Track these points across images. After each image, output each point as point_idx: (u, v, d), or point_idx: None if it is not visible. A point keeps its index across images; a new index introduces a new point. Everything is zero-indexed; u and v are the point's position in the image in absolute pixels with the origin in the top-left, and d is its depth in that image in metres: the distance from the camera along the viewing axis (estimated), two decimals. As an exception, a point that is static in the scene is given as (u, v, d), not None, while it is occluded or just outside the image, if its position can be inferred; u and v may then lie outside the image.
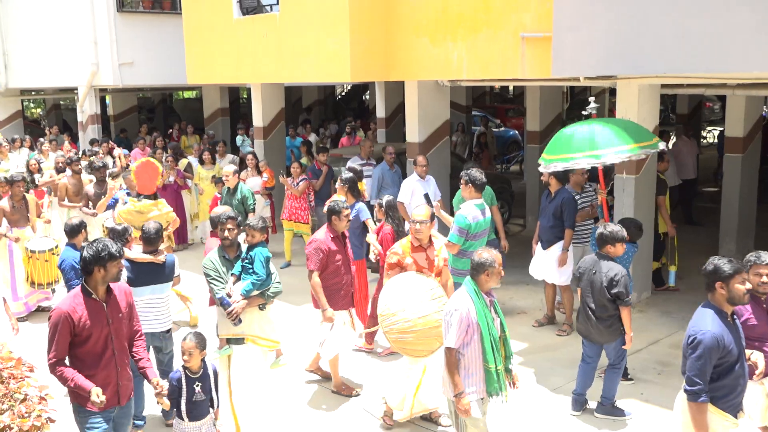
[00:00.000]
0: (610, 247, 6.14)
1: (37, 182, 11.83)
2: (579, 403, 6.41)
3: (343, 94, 28.30)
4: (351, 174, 8.32)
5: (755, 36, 6.45)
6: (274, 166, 12.75)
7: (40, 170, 12.50)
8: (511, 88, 27.46)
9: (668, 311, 8.72)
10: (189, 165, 13.00)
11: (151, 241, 6.67)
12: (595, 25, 7.64)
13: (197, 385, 5.40)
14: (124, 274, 6.53)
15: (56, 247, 9.13)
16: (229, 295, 5.96)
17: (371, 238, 7.70)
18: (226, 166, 10.41)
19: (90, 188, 10.58)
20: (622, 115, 8.60)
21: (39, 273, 8.98)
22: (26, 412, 4.99)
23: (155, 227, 6.78)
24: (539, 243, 8.36)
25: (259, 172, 11.91)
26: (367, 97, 26.85)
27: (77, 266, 6.49)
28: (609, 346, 6.20)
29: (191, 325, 8.68)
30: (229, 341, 6.01)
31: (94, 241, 4.96)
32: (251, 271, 5.96)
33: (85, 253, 4.81)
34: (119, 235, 7.11)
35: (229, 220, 6.10)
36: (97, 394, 4.77)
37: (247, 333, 6.00)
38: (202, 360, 5.47)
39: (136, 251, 6.84)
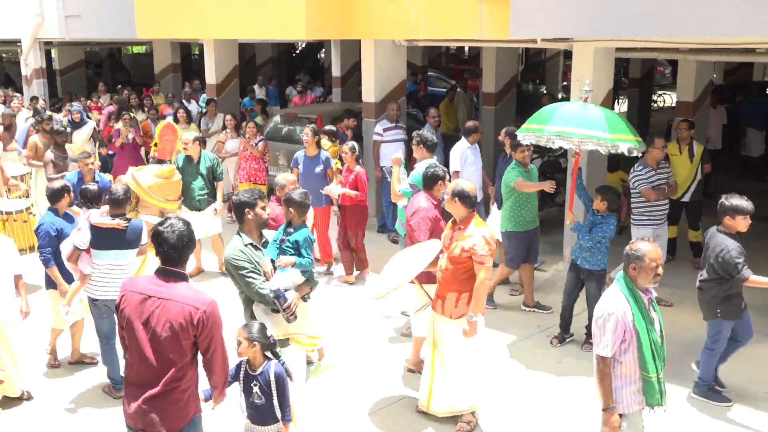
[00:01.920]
0: (728, 219, 5.72)
1: None
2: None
3: (298, 51, 27.90)
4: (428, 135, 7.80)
5: (709, 0, 6.54)
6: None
7: None
8: (466, 49, 27.40)
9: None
10: (135, 120, 12.64)
11: (118, 202, 6.30)
12: (553, -13, 7.63)
13: (255, 385, 4.55)
14: (87, 237, 6.32)
15: (31, 206, 8.68)
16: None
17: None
18: (187, 132, 9.58)
19: (50, 153, 9.78)
20: (577, 79, 8.66)
21: (17, 238, 8.03)
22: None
23: (123, 188, 6.47)
24: (494, 203, 8.50)
25: (238, 134, 11.39)
26: (322, 55, 26.52)
27: (53, 234, 6.35)
28: (708, 325, 6.00)
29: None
30: None
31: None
32: (294, 255, 5.17)
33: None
34: (96, 197, 6.65)
35: (260, 199, 5.10)
36: None
37: (293, 331, 5.11)
38: (267, 358, 4.58)
39: (101, 217, 6.62)
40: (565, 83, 21.75)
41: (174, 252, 3.98)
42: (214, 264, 9.39)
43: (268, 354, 4.56)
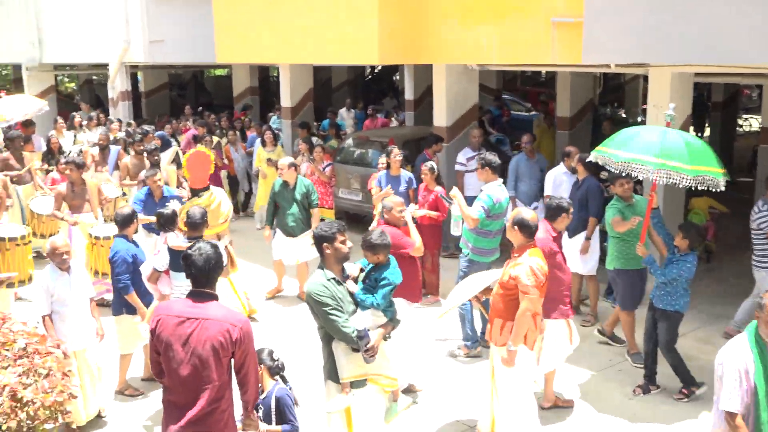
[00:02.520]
0: None
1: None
2: None
3: (374, 74, 28.16)
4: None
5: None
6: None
7: (60, 150, 12.64)
8: (543, 71, 27.09)
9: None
10: (218, 143, 12.99)
11: (195, 226, 6.51)
12: (627, 12, 7.47)
13: (259, 409, 4.61)
14: (166, 260, 6.52)
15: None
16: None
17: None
18: (283, 158, 9.57)
19: (144, 174, 9.74)
20: (654, 104, 8.45)
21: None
22: (49, 388, 5.09)
23: (200, 212, 6.69)
24: (565, 231, 8.29)
25: (311, 159, 11.42)
26: (397, 77, 26.69)
27: (129, 261, 6.45)
28: None
29: (249, 316, 8.13)
30: (352, 385, 4.84)
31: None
32: (374, 295, 4.97)
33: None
34: (170, 221, 7.03)
35: (340, 233, 4.89)
36: None
37: (372, 372, 4.88)
38: (274, 381, 4.75)
39: (178, 238, 6.85)
40: (645, 106, 21.19)
41: (202, 274, 4.12)
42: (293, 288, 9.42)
43: (278, 378, 4.68)
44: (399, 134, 12.66)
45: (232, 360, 4.08)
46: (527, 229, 5.42)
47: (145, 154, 10.57)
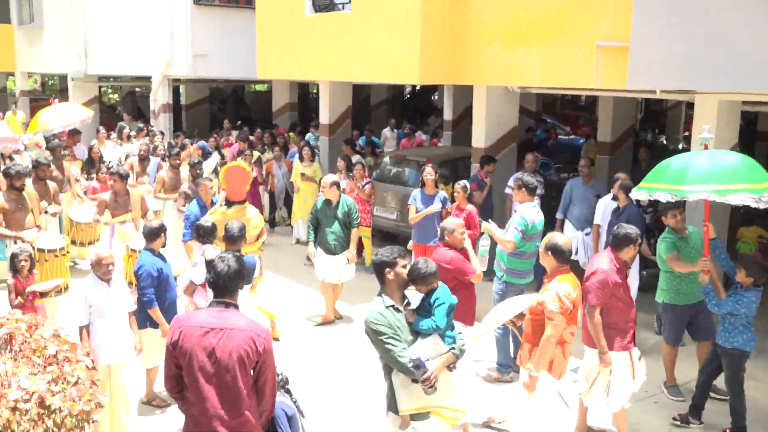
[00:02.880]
0: None
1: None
2: None
3: (413, 93, 28.20)
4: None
5: None
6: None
7: (101, 159, 12.78)
8: (584, 95, 26.88)
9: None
10: (259, 158, 13.03)
11: (233, 239, 6.47)
12: (674, 37, 7.32)
13: None
14: (203, 273, 6.47)
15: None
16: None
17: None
18: (327, 176, 9.38)
19: (186, 187, 9.95)
20: (699, 134, 8.24)
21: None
22: (77, 396, 5.07)
23: (239, 226, 6.64)
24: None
25: (349, 176, 11.18)
26: (436, 97, 26.68)
27: (154, 275, 6.38)
28: None
29: (275, 339, 8.04)
30: (413, 417, 4.60)
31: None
32: (431, 318, 4.71)
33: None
34: (209, 232, 7.02)
35: (401, 257, 4.71)
36: None
37: (433, 404, 4.63)
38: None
39: (216, 251, 6.79)
40: (686, 133, 20.88)
41: (225, 284, 4.12)
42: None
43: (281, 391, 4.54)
44: (436, 154, 12.60)
45: (256, 368, 4.05)
46: (560, 255, 5.32)
47: (188, 167, 10.48)
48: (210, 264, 4.21)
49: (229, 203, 8.49)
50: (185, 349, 4.03)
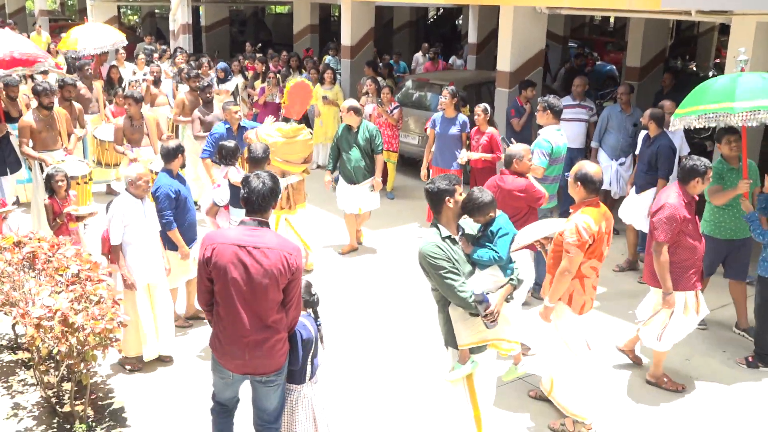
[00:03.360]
0: None
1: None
2: None
3: (436, 17, 27.54)
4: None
5: None
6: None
7: (120, 81, 12.61)
8: (612, 20, 26.11)
9: None
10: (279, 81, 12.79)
11: (257, 161, 6.32)
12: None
13: None
14: (227, 195, 6.38)
15: (182, 167, 8.70)
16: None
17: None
18: (347, 100, 8.85)
19: (197, 111, 9.68)
20: (734, 55, 7.93)
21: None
22: (99, 315, 5.11)
23: (263, 147, 6.48)
24: (633, 186, 7.98)
25: (380, 102, 10.95)
26: (460, 22, 26.04)
27: (172, 196, 6.28)
28: None
29: (307, 271, 7.94)
30: (472, 351, 4.50)
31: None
32: (491, 248, 4.47)
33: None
34: (232, 154, 6.87)
35: (458, 184, 4.44)
36: None
37: (491, 336, 4.51)
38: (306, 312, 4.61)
39: (240, 174, 6.68)
40: (717, 60, 20.28)
41: (259, 202, 4.14)
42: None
43: (309, 311, 4.52)
44: (460, 78, 12.32)
45: (286, 285, 4.10)
46: (590, 185, 5.05)
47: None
48: (245, 180, 4.20)
49: (286, 120, 8.15)
50: (219, 266, 4.06)
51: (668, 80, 10.93)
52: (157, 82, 12.01)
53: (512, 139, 7.39)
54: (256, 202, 4.14)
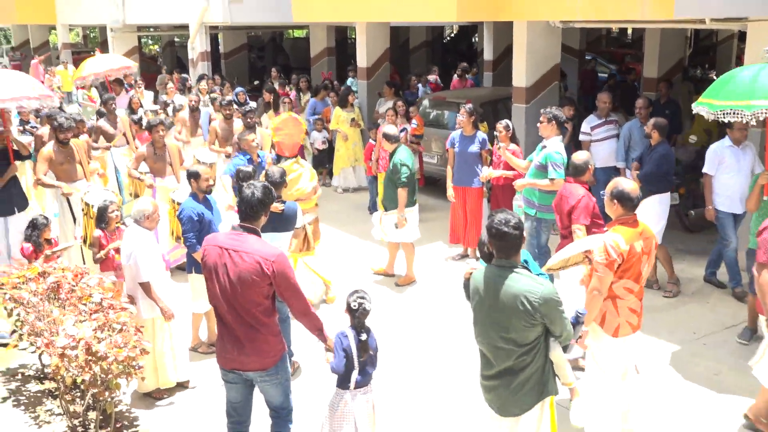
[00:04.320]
0: None
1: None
2: None
3: (452, 36, 27.65)
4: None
5: None
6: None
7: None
8: (629, 31, 26.03)
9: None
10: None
11: (274, 185, 6.22)
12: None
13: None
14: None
15: (208, 192, 8.56)
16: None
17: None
18: (386, 126, 8.60)
19: (237, 138, 9.36)
20: (752, 62, 7.87)
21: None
22: (122, 343, 5.15)
23: (280, 171, 6.51)
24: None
25: (408, 119, 10.99)
26: (476, 39, 26.11)
27: (195, 219, 6.37)
28: None
29: (328, 302, 7.82)
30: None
31: None
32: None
33: None
34: (248, 178, 6.81)
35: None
36: None
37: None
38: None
39: None
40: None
41: (248, 209, 4.41)
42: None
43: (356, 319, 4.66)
44: (477, 95, 12.32)
45: (275, 287, 4.34)
46: (628, 202, 4.90)
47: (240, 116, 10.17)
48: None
49: (278, 158, 7.97)
50: (207, 265, 4.42)
51: (664, 89, 10.89)
52: (195, 110, 11.87)
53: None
54: (246, 210, 4.42)
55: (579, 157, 6.25)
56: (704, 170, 7.42)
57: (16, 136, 9.70)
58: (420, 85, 15.31)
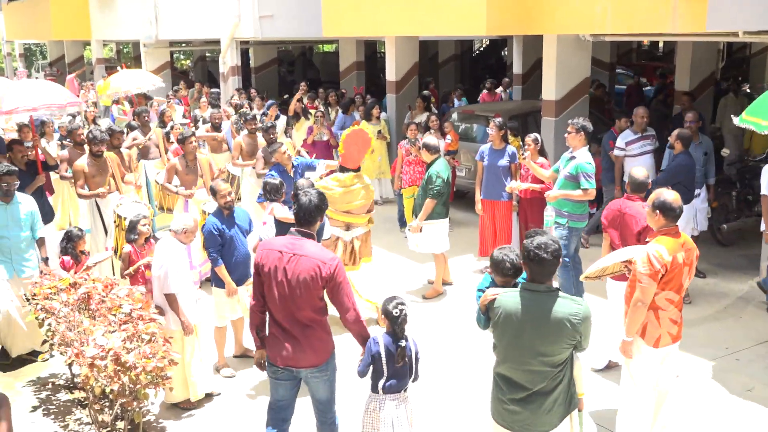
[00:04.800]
0: None
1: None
2: None
3: (481, 49, 27.63)
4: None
5: None
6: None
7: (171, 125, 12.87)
8: (660, 44, 25.81)
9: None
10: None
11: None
12: (759, -27, 6.87)
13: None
14: (272, 231, 6.41)
15: (151, 213, 8.32)
16: None
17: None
18: (425, 137, 8.64)
19: (260, 152, 9.73)
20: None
21: None
22: (151, 353, 5.19)
23: (309, 183, 6.50)
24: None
25: (442, 134, 10.90)
26: (506, 53, 26.07)
27: (215, 233, 6.42)
28: None
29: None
30: None
31: None
32: None
33: None
34: (276, 190, 6.90)
35: None
36: None
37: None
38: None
39: (284, 210, 6.76)
40: (772, 80, 19.80)
41: (304, 214, 4.61)
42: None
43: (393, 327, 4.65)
44: (506, 108, 12.29)
45: (327, 289, 4.54)
46: (670, 213, 4.86)
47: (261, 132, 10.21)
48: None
49: (343, 170, 7.79)
50: (266, 269, 4.58)
51: (687, 102, 10.69)
52: (217, 127, 11.99)
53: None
54: (303, 216, 4.62)
55: (640, 173, 6.05)
56: (762, 192, 7.19)
57: (56, 150, 9.90)
58: (456, 99, 15.26)
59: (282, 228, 6.19)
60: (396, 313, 4.62)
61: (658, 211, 4.89)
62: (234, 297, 6.52)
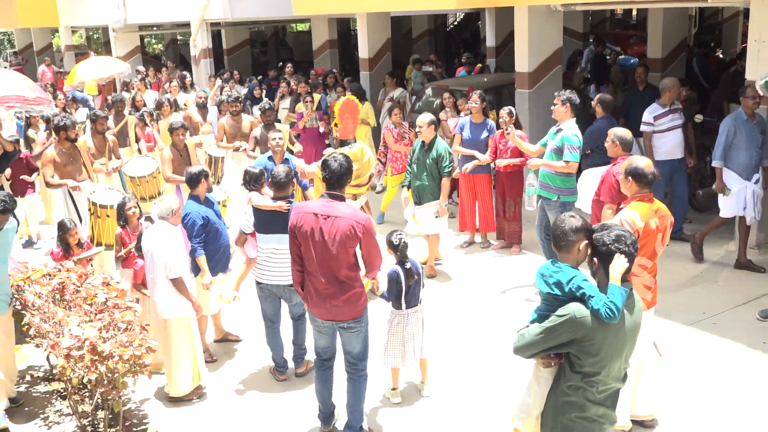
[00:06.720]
0: None
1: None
2: None
3: (455, 23, 27.49)
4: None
5: None
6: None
7: (145, 107, 12.59)
8: (634, 12, 25.82)
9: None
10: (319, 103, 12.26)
11: (281, 186, 6.03)
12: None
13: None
14: (252, 221, 6.29)
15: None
16: None
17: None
18: (422, 115, 8.31)
19: (258, 131, 9.64)
20: (755, 38, 7.78)
21: None
22: (128, 342, 5.15)
23: (285, 171, 6.17)
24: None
25: (458, 112, 10.57)
26: (481, 26, 25.96)
27: (200, 222, 6.23)
28: None
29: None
30: None
31: None
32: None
33: None
34: (255, 180, 6.58)
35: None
36: None
37: None
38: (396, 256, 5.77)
39: (264, 198, 6.38)
40: (744, 46, 19.88)
41: (335, 178, 4.96)
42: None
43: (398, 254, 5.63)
44: (479, 82, 12.24)
45: (361, 247, 4.92)
46: (642, 179, 4.88)
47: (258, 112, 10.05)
48: (324, 163, 5.02)
49: (343, 143, 7.64)
50: (302, 230, 4.92)
51: (643, 74, 10.35)
52: (202, 106, 11.82)
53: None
54: (335, 180, 4.96)
55: (646, 166, 5.08)
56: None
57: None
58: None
59: (261, 217, 6.04)
60: (396, 241, 5.63)
61: (630, 178, 4.92)
62: (214, 290, 6.32)
